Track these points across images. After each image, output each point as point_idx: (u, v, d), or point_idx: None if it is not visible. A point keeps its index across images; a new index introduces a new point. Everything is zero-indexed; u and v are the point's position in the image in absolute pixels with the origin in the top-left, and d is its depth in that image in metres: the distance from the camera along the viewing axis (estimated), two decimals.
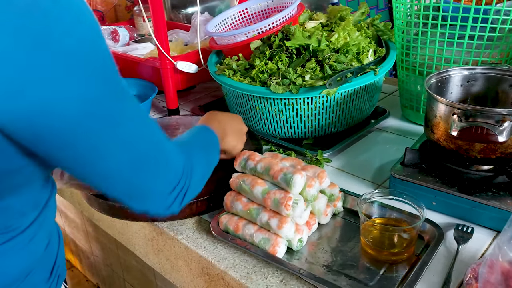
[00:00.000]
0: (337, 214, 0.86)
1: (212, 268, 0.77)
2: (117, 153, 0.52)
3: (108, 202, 0.87)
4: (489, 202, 0.77)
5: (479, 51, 1.01)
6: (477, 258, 0.73)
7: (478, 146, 0.79)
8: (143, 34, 1.73)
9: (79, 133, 0.48)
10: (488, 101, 0.95)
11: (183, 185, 0.61)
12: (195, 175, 0.64)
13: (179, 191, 0.61)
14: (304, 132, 1.09)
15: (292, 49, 1.07)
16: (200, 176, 0.67)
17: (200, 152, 0.71)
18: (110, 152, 0.52)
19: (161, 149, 0.59)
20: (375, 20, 1.22)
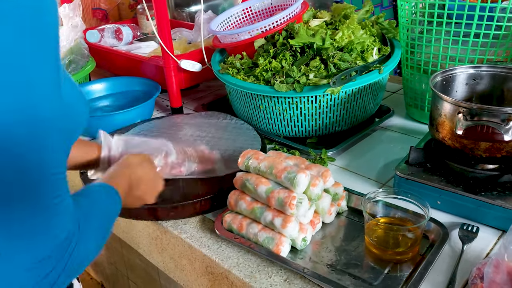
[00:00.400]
0: (341, 213, 0.85)
1: (216, 267, 0.77)
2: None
3: None
4: (494, 202, 0.77)
5: (485, 49, 1.00)
6: (482, 258, 0.73)
7: (483, 145, 0.79)
8: (146, 32, 1.73)
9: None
10: (494, 99, 0.94)
11: (55, 262, 0.46)
12: (76, 254, 0.48)
13: (49, 270, 0.45)
14: (308, 131, 1.09)
15: (296, 48, 1.07)
16: (82, 257, 0.50)
17: (94, 225, 0.55)
18: None
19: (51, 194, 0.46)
20: (379, 18, 1.22)
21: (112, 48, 1.53)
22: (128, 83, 1.38)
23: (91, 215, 0.55)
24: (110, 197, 0.63)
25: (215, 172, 0.93)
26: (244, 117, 1.18)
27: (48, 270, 0.45)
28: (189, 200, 0.86)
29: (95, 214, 0.57)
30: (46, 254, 0.45)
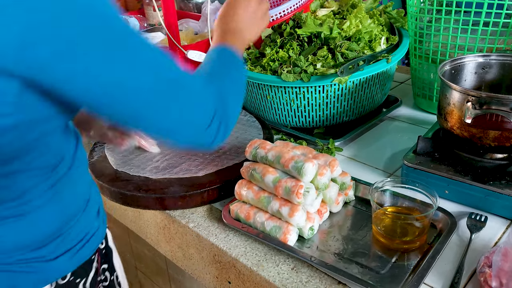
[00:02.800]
0: (348, 203, 0.85)
1: (224, 256, 0.78)
2: (137, 89, 0.52)
3: (120, 190, 0.88)
4: (503, 191, 0.76)
5: (494, 38, 0.99)
6: (490, 247, 0.73)
7: (492, 134, 0.78)
8: (153, 23, 1.73)
9: (99, 74, 0.49)
10: (503, 88, 0.94)
11: (219, 118, 0.61)
12: (228, 103, 0.64)
13: (217, 125, 0.61)
14: (315, 121, 1.08)
15: (303, 37, 1.07)
16: (233, 101, 0.66)
17: (226, 77, 0.68)
18: (130, 87, 0.52)
19: (186, 84, 0.58)
20: (387, 7, 1.21)
21: None
22: None
23: (220, 75, 0.68)
24: (224, 53, 0.73)
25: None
26: (251, 107, 1.18)
27: (217, 124, 0.61)
28: (196, 190, 0.86)
29: (222, 72, 0.69)
30: (210, 118, 0.60)
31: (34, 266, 0.60)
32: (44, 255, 0.61)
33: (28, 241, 0.60)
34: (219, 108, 0.61)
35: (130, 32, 0.52)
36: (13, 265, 0.59)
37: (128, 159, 0.98)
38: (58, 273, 0.63)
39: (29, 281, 0.61)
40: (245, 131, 1.08)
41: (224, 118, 0.62)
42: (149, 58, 0.54)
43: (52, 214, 0.61)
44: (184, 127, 0.59)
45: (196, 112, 0.59)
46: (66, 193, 0.62)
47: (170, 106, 0.56)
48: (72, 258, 0.64)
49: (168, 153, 1.00)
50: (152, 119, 0.56)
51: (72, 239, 0.64)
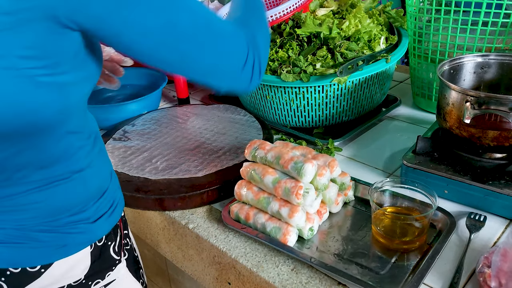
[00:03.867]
0: (348, 203, 0.86)
1: (223, 257, 0.78)
2: (176, 32, 0.56)
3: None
4: (502, 191, 0.76)
5: (493, 38, 0.99)
6: (489, 247, 0.73)
7: (491, 133, 0.78)
8: None
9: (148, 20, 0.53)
10: (502, 88, 0.94)
11: (253, 57, 0.65)
12: (259, 44, 0.67)
13: (252, 63, 0.65)
14: (315, 121, 1.09)
15: (302, 37, 1.07)
16: (263, 43, 0.70)
17: (253, 20, 0.72)
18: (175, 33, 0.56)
19: (220, 27, 0.61)
20: (386, 7, 1.21)
21: None
22: (134, 74, 1.38)
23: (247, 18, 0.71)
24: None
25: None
26: (251, 107, 1.18)
27: (251, 63, 0.65)
28: (196, 191, 0.86)
29: (248, 16, 0.72)
30: (244, 57, 0.64)
31: (80, 227, 0.66)
32: (88, 217, 0.67)
33: (74, 203, 0.65)
34: (252, 49, 0.65)
35: None
36: (62, 227, 0.64)
37: (127, 160, 0.98)
38: (98, 235, 0.69)
39: (76, 241, 0.66)
40: (244, 131, 1.08)
41: (257, 58, 0.66)
42: (189, 5, 0.58)
43: (94, 177, 0.67)
44: (223, 68, 0.63)
45: (233, 53, 0.63)
46: (101, 159, 0.70)
47: (209, 50, 0.60)
48: (106, 221, 0.70)
49: (167, 154, 1.00)
50: (196, 62, 0.60)
51: (106, 203, 0.70)
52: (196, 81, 0.63)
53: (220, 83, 0.65)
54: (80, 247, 0.66)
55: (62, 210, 0.64)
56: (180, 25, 0.56)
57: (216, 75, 0.63)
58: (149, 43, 0.55)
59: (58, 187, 0.62)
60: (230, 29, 0.63)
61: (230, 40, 0.63)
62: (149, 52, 0.56)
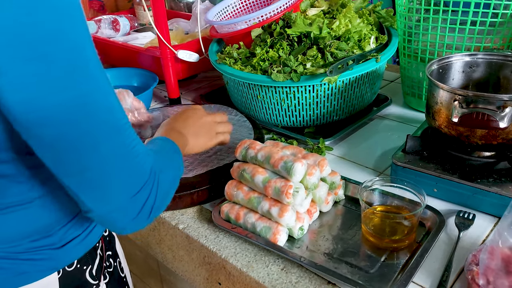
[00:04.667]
0: (338, 202, 0.86)
1: (213, 257, 0.77)
2: (72, 125, 0.48)
3: None
4: (490, 189, 0.77)
5: (481, 37, 1.00)
6: (478, 245, 0.73)
7: (479, 132, 0.79)
8: (143, 23, 1.72)
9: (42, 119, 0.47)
10: (490, 87, 0.94)
11: (149, 190, 0.56)
12: (162, 182, 0.59)
13: (146, 197, 0.55)
14: (306, 120, 1.09)
15: (293, 37, 1.07)
16: (168, 185, 0.61)
17: (167, 162, 0.65)
18: (66, 136, 0.49)
19: (127, 139, 0.54)
20: (376, 7, 1.21)
21: (109, 39, 1.53)
22: (125, 74, 1.38)
23: (160, 155, 0.65)
24: (168, 143, 0.72)
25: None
26: (242, 107, 1.18)
27: (146, 196, 0.55)
28: (186, 191, 0.86)
29: (163, 155, 0.66)
30: (142, 184, 0.55)
31: (43, 253, 0.61)
32: (53, 243, 0.62)
33: (36, 229, 0.61)
34: (151, 181, 0.56)
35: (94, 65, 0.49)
36: (22, 254, 0.60)
37: None
38: (66, 260, 0.65)
39: (38, 268, 0.62)
40: (236, 131, 1.08)
41: (153, 195, 0.57)
42: (106, 105, 0.51)
43: (59, 201, 0.62)
44: (109, 184, 0.53)
45: (128, 171, 0.54)
46: None
47: (102, 152, 0.51)
48: (78, 245, 0.66)
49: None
50: (80, 161, 0.51)
51: (79, 227, 0.65)
52: (69, 188, 0.53)
53: (96, 203, 0.53)
54: (44, 274, 0.62)
55: (20, 236, 0.60)
56: (84, 110, 0.48)
57: (95, 189, 0.52)
58: (37, 116, 0.46)
59: (14, 214, 0.58)
60: (139, 145, 0.55)
61: (133, 154, 0.54)
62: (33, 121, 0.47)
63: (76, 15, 0.47)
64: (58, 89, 0.46)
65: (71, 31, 0.46)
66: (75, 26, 0.47)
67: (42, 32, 0.44)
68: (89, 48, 0.48)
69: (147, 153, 0.58)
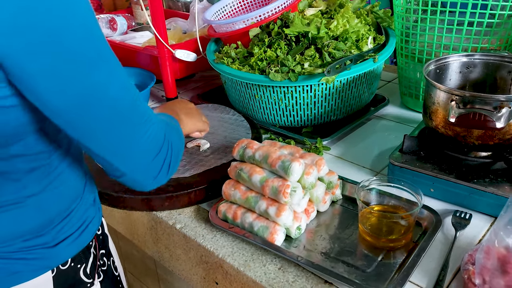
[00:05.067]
0: (335, 202, 0.86)
1: (211, 256, 0.77)
2: (98, 109, 0.53)
3: (107, 191, 0.87)
4: (486, 189, 0.77)
5: (478, 38, 1.00)
6: (474, 244, 0.74)
7: (476, 132, 0.79)
8: (141, 22, 1.72)
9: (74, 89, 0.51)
10: (487, 87, 0.95)
11: (166, 152, 0.63)
12: (174, 143, 0.66)
13: (163, 157, 0.63)
14: (303, 120, 1.09)
15: (291, 37, 1.07)
16: (177, 145, 0.68)
17: (170, 128, 0.70)
18: (90, 107, 0.53)
19: (144, 108, 0.60)
20: (374, 7, 1.21)
21: (106, 38, 1.52)
22: None
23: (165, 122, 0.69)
24: (166, 115, 0.78)
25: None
26: (240, 106, 1.18)
27: (164, 155, 0.63)
28: (183, 190, 0.86)
29: (166, 122, 0.70)
30: (160, 146, 0.62)
31: (36, 252, 0.62)
32: (46, 242, 0.63)
33: (29, 228, 0.61)
34: (167, 144, 0.64)
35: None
36: (15, 253, 0.61)
37: None
38: (59, 259, 0.65)
39: (31, 267, 0.62)
40: (233, 130, 1.08)
41: (169, 155, 0.64)
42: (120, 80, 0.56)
43: (52, 201, 0.63)
44: (135, 150, 0.59)
45: (148, 137, 0.60)
46: (63, 180, 0.64)
47: (127, 125, 0.57)
48: (72, 244, 0.66)
49: None
50: (109, 134, 0.56)
51: (72, 226, 0.66)
52: (98, 158, 0.59)
53: (126, 167, 0.60)
54: (37, 273, 0.62)
55: (13, 236, 0.60)
56: (106, 95, 0.54)
57: (124, 155, 0.59)
58: (67, 100, 0.51)
59: (6, 213, 0.59)
60: (152, 115, 0.62)
61: (149, 123, 0.60)
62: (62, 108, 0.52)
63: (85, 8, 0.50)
64: (79, 77, 0.50)
65: (82, 18, 0.49)
66: (84, 13, 0.49)
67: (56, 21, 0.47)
68: (100, 35, 0.52)
69: (159, 119, 0.64)
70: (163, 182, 0.65)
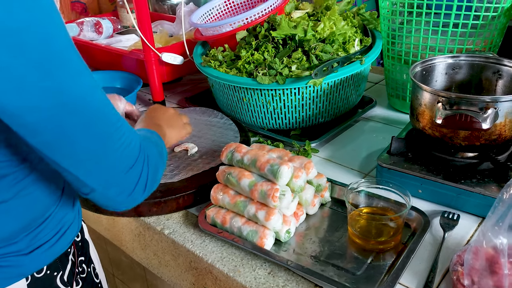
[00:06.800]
0: (324, 204, 0.86)
1: (200, 262, 0.77)
2: (60, 113, 0.49)
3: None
4: (474, 189, 0.78)
5: (463, 39, 1.01)
6: (463, 245, 0.74)
7: (462, 133, 0.80)
8: (127, 25, 1.71)
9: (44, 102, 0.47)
10: (472, 88, 0.96)
11: (141, 165, 0.58)
12: (151, 157, 0.61)
13: (139, 171, 0.58)
14: (291, 122, 1.09)
15: (278, 39, 1.07)
16: (156, 160, 0.63)
17: (149, 142, 0.67)
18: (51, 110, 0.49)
19: (114, 119, 0.55)
20: (360, 9, 1.22)
21: (92, 42, 1.50)
22: (108, 77, 1.36)
23: (143, 136, 0.65)
24: (148, 130, 0.75)
25: None
26: (228, 110, 1.17)
27: (140, 170, 0.58)
28: (171, 195, 0.85)
29: (145, 136, 0.67)
30: (134, 160, 0.57)
31: (9, 260, 0.60)
32: (19, 250, 0.61)
33: (1, 236, 0.59)
34: (144, 158, 0.59)
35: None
36: None
37: None
38: (34, 267, 0.63)
39: (4, 275, 0.60)
40: (221, 134, 1.08)
41: (145, 170, 0.59)
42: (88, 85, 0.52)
43: (25, 207, 0.60)
44: (105, 161, 0.55)
45: (120, 148, 0.55)
46: (37, 186, 0.61)
47: (96, 132, 0.53)
48: (47, 251, 0.64)
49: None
50: (76, 143, 0.52)
51: (47, 233, 0.64)
52: (63, 170, 0.54)
53: (95, 181, 0.55)
54: (10, 281, 0.60)
55: None
56: (69, 98, 0.49)
57: (93, 167, 0.54)
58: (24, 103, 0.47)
59: None
60: (126, 124, 0.57)
61: (121, 132, 0.55)
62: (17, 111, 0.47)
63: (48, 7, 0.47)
64: (39, 79, 0.46)
65: (45, 22, 0.46)
66: (48, 17, 0.47)
67: (17, 24, 0.44)
68: (63, 37, 0.48)
69: (133, 131, 0.59)
70: (139, 200, 0.60)
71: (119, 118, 0.56)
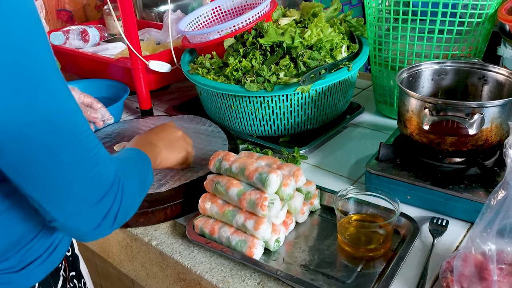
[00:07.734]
0: (314, 212, 0.85)
1: (188, 273, 0.75)
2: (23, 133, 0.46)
3: None
4: (462, 195, 0.78)
5: (449, 45, 1.02)
6: (452, 251, 0.74)
7: (449, 139, 0.80)
8: (114, 33, 1.69)
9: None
10: (458, 94, 0.96)
11: (113, 197, 0.54)
12: (128, 189, 0.57)
13: (109, 204, 0.54)
14: (280, 129, 1.08)
15: (265, 47, 1.06)
16: (133, 191, 0.60)
17: (132, 168, 0.63)
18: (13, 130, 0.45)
19: (89, 145, 0.51)
20: (347, 16, 1.22)
21: (78, 50, 1.49)
22: (95, 86, 1.34)
23: (126, 162, 0.63)
24: (137, 152, 0.71)
25: None
26: (216, 117, 1.17)
27: (110, 203, 0.54)
28: (159, 206, 0.84)
29: (129, 162, 0.65)
30: (104, 192, 0.53)
31: (1, 277, 0.59)
32: (10, 266, 0.59)
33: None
34: (114, 190, 0.55)
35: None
36: None
37: None
38: (25, 284, 0.62)
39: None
40: (209, 142, 1.07)
41: (118, 201, 0.55)
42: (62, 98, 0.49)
43: (13, 223, 0.58)
44: (70, 190, 0.51)
45: (89, 177, 0.51)
46: (26, 205, 0.58)
47: (62, 157, 0.49)
48: (39, 267, 0.63)
49: None
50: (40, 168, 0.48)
51: (39, 248, 0.62)
52: (26, 194, 0.51)
53: (57, 211, 0.51)
54: None
55: None
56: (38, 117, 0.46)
57: (57, 198, 0.50)
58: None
59: None
60: (101, 151, 0.53)
61: (94, 161, 0.51)
62: None
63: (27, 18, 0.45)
64: (8, 98, 0.43)
65: (21, 34, 0.44)
66: (25, 28, 0.44)
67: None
68: (44, 52, 0.46)
69: (110, 160, 0.55)
70: (106, 233, 0.56)
71: (96, 145, 0.52)
